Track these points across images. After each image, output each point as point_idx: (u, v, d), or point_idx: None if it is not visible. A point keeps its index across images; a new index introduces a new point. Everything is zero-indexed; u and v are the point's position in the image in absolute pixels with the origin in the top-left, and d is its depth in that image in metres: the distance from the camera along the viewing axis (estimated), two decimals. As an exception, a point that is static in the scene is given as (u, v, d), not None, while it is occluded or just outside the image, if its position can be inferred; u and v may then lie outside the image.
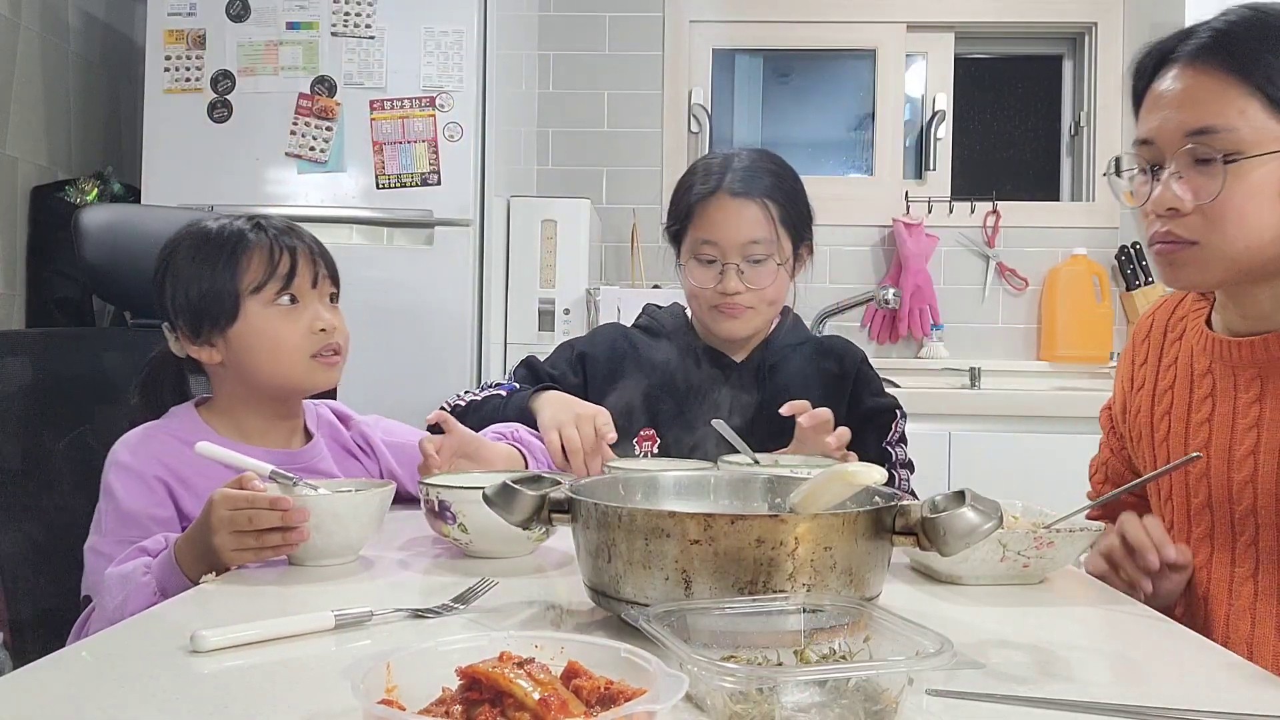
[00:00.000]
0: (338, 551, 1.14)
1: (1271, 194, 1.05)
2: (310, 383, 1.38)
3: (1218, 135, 1.05)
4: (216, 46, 2.63)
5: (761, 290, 1.60)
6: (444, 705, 0.60)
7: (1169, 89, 1.09)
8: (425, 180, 2.60)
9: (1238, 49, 1.05)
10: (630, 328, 1.76)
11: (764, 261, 1.59)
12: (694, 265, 1.61)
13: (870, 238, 3.42)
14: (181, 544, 1.15)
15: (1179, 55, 1.09)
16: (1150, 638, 0.95)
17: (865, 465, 0.95)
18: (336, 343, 1.37)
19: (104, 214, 1.62)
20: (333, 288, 1.41)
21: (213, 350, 1.35)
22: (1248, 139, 1.04)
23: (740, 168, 1.60)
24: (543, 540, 1.19)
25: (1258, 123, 1.04)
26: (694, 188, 1.62)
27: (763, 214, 1.58)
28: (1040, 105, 3.62)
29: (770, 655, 0.75)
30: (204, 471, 1.30)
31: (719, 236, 1.59)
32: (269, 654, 0.82)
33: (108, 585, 1.15)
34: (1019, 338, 3.39)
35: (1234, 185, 1.05)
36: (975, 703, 0.72)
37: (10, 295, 2.73)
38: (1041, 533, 1.07)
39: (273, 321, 1.34)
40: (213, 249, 1.35)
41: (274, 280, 1.34)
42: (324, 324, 1.36)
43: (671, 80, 3.45)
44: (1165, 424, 1.27)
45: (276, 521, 1.08)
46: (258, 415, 1.39)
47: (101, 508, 1.28)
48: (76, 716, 0.69)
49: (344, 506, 1.12)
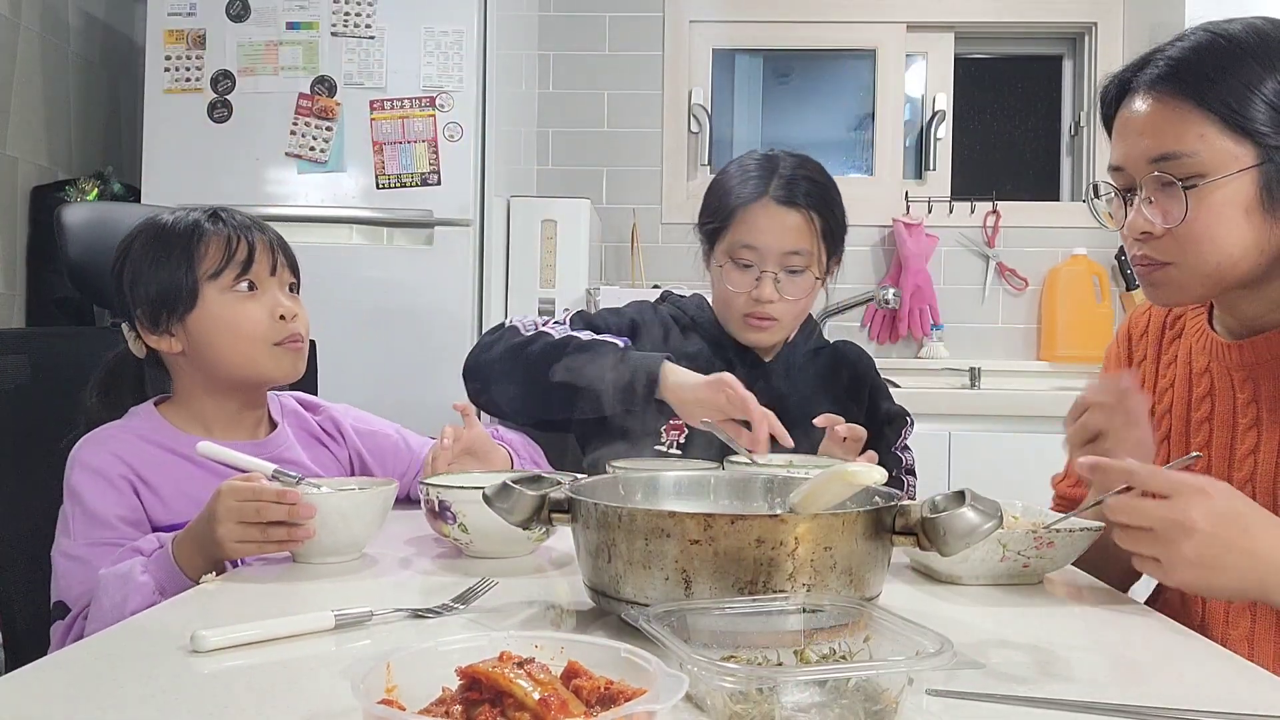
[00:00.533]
0: (342, 549, 1.15)
1: (1237, 212, 1.07)
2: (275, 370, 1.35)
3: (1179, 161, 1.07)
4: (216, 46, 2.63)
5: (795, 301, 1.59)
6: (444, 705, 0.60)
7: (1132, 116, 1.12)
8: (425, 180, 2.60)
9: (1193, 75, 1.08)
10: (664, 312, 1.72)
11: (802, 273, 1.58)
12: (731, 268, 1.59)
13: (870, 238, 3.42)
14: (181, 539, 1.14)
15: (1138, 84, 1.12)
16: (1150, 638, 0.95)
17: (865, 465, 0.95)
18: (297, 330, 1.35)
19: (85, 211, 1.60)
20: (292, 278, 1.40)
21: (173, 339, 1.33)
22: (1208, 162, 1.06)
23: (787, 175, 1.57)
24: (542, 540, 1.19)
25: (1218, 145, 1.06)
26: (738, 190, 1.59)
27: (806, 225, 1.56)
28: (1040, 105, 3.62)
29: (770, 655, 0.75)
30: (165, 471, 1.30)
31: (761, 243, 1.56)
32: (269, 654, 0.82)
33: (104, 586, 1.14)
34: (1019, 338, 3.39)
35: (1199, 208, 1.07)
36: (975, 703, 0.72)
37: (10, 295, 2.73)
38: (1041, 533, 1.07)
39: (231, 307, 1.32)
40: (169, 239, 1.34)
41: (231, 266, 1.32)
42: (284, 309, 1.34)
43: (671, 80, 3.45)
44: (1166, 422, 1.27)
45: (283, 515, 1.09)
46: (220, 407, 1.37)
47: (67, 510, 1.26)
48: (76, 716, 0.69)
49: (349, 504, 1.13)
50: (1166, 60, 1.10)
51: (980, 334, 3.39)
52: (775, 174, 1.58)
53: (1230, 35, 1.08)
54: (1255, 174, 1.06)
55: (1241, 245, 1.08)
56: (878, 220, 3.40)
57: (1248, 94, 1.05)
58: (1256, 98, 1.05)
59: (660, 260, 3.38)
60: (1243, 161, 1.06)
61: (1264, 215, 1.07)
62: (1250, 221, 1.07)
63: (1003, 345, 3.39)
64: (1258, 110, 1.05)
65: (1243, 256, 1.08)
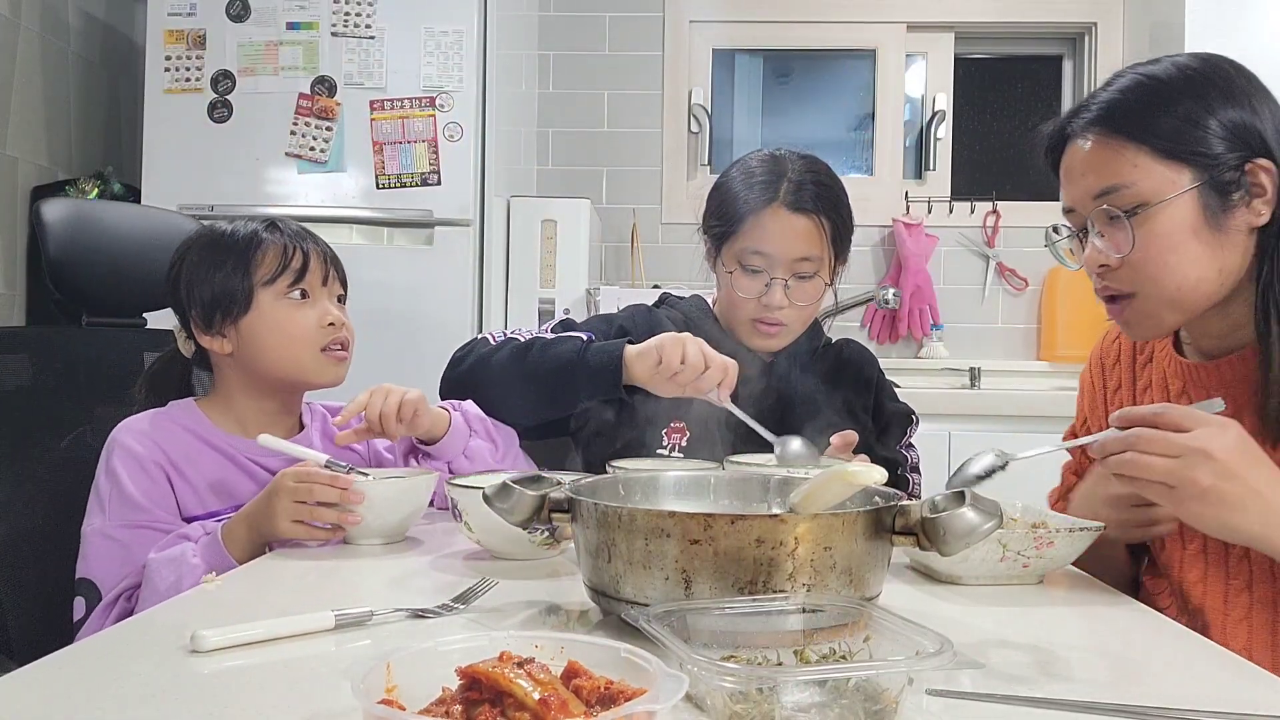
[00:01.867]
0: (388, 532, 1.24)
1: (1185, 234, 1.11)
2: (318, 375, 1.41)
3: (1119, 193, 1.12)
4: (216, 46, 2.63)
5: (805, 307, 1.58)
6: (444, 705, 0.60)
7: (1073, 159, 1.18)
8: (425, 180, 2.61)
9: (1123, 112, 1.13)
10: (661, 314, 1.70)
11: (812, 278, 1.56)
12: (740, 274, 1.57)
13: (870, 238, 3.42)
14: (231, 525, 1.22)
15: (1074, 129, 1.17)
16: (1150, 638, 0.95)
17: (865, 465, 0.95)
18: (344, 337, 1.42)
19: (65, 207, 1.59)
20: (341, 289, 1.47)
21: (224, 341, 1.39)
22: (1147, 190, 1.11)
23: (796, 179, 1.55)
24: (552, 545, 1.17)
25: (1154, 173, 1.11)
26: (746, 194, 1.57)
27: (816, 230, 1.55)
28: (1040, 105, 3.62)
29: (770, 655, 0.75)
30: (199, 462, 1.35)
31: (772, 249, 1.54)
32: (269, 654, 0.82)
33: (155, 570, 1.20)
34: (1019, 338, 3.39)
35: (1146, 235, 1.11)
36: (975, 703, 0.72)
37: (10, 295, 2.73)
38: (1041, 533, 1.07)
39: (284, 312, 1.38)
40: (227, 246, 1.40)
41: (287, 273, 1.39)
42: (333, 318, 1.40)
43: (671, 80, 3.45)
44: None
45: (335, 498, 1.18)
46: (258, 408, 1.42)
47: (104, 489, 1.30)
48: (76, 716, 0.69)
49: (394, 491, 1.24)
50: (1098, 104, 1.16)
51: (980, 334, 3.39)
52: (785, 178, 1.55)
53: (1155, 75, 1.15)
54: (1194, 196, 1.10)
55: (1197, 267, 1.11)
56: (878, 220, 3.40)
57: (1177, 123, 1.10)
58: (1185, 126, 1.10)
59: (660, 260, 3.38)
60: (1180, 185, 1.10)
61: (1211, 234, 1.11)
62: (1200, 242, 1.11)
63: (1002, 345, 3.39)
64: (1188, 137, 1.10)
65: (1201, 278, 1.12)
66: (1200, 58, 1.16)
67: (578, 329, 1.63)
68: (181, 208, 2.41)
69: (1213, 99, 1.10)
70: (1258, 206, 1.11)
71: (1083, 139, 1.16)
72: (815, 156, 1.64)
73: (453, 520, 1.19)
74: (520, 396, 1.50)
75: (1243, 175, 1.10)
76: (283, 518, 1.18)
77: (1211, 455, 0.95)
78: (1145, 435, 0.97)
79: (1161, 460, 0.96)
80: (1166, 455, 0.96)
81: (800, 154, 1.62)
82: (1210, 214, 1.10)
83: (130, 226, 1.61)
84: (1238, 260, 1.12)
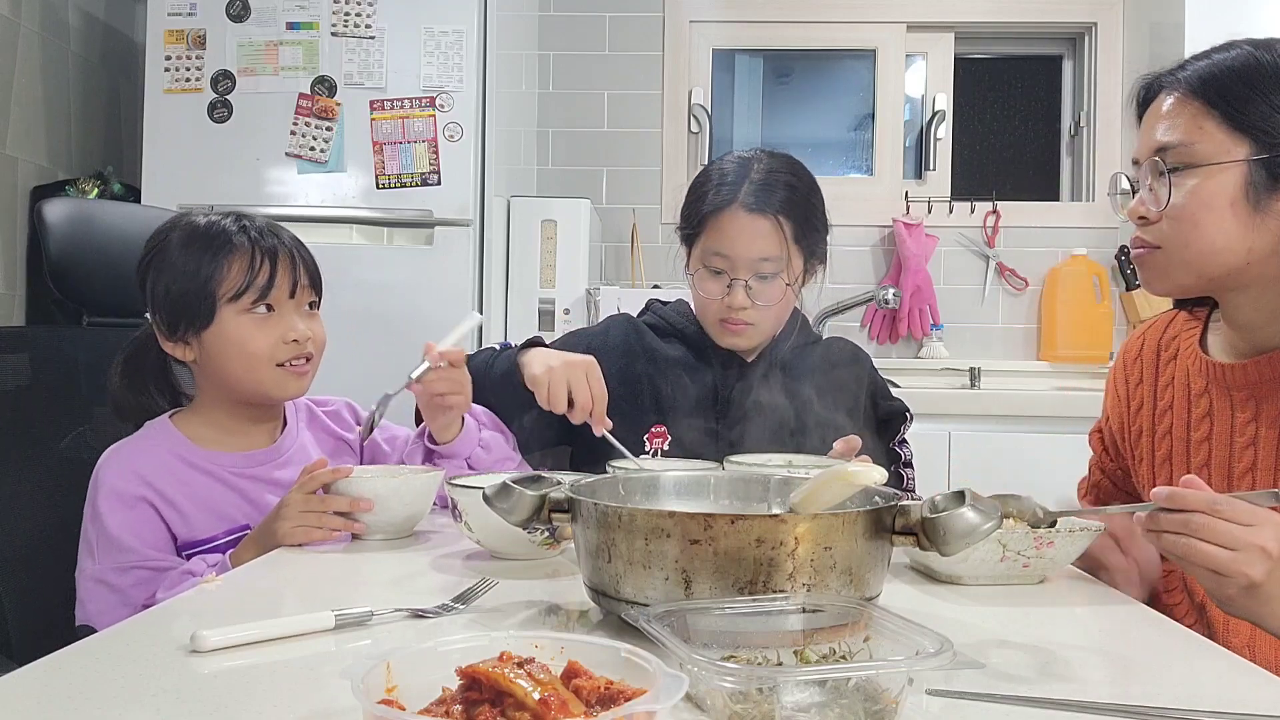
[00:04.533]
0: (393, 529, 1.27)
1: (1223, 204, 1.12)
2: (278, 391, 1.38)
3: (1176, 150, 1.14)
4: (216, 46, 2.63)
5: (768, 307, 1.57)
6: (444, 705, 0.60)
7: (1154, 111, 1.20)
8: (425, 180, 2.60)
9: (1210, 78, 1.15)
10: (641, 322, 1.72)
11: (772, 279, 1.56)
12: (703, 275, 1.58)
13: (870, 238, 3.42)
14: (240, 551, 1.24)
15: (1165, 83, 1.20)
16: (1150, 638, 0.95)
17: (865, 465, 0.95)
18: (308, 352, 1.39)
19: (65, 207, 1.59)
20: (313, 295, 1.43)
21: (187, 349, 1.37)
22: (1202, 152, 1.13)
23: (758, 180, 1.55)
24: (552, 545, 1.17)
25: (1216, 137, 1.12)
26: (708, 196, 1.57)
27: (775, 231, 1.54)
28: (1040, 105, 3.62)
29: (770, 655, 0.75)
30: (185, 487, 1.33)
31: (730, 251, 1.54)
32: (269, 654, 0.82)
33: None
34: (1019, 338, 3.39)
35: (1187, 194, 1.14)
36: (975, 703, 0.72)
37: (10, 295, 2.73)
38: (1041, 533, 1.07)
39: (246, 330, 1.35)
40: (198, 248, 1.35)
41: (251, 290, 1.34)
42: (297, 334, 1.37)
43: (671, 80, 3.45)
44: (1166, 443, 1.30)
45: (345, 507, 1.23)
46: (233, 417, 1.40)
47: (91, 533, 1.29)
48: (76, 716, 0.69)
49: (400, 489, 1.26)
50: (1195, 67, 1.17)
51: (980, 334, 3.39)
52: (747, 179, 1.55)
53: (1257, 55, 1.14)
54: (1244, 169, 1.11)
55: (1224, 237, 1.13)
56: (878, 220, 3.40)
57: (1255, 97, 1.10)
58: (1264, 102, 1.10)
59: (660, 260, 3.38)
60: (1234, 155, 1.11)
61: (1249, 212, 1.12)
62: (1235, 215, 1.12)
63: (1003, 345, 3.39)
64: (1260, 113, 1.10)
65: (1224, 248, 1.13)
66: None
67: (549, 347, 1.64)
68: (181, 208, 2.39)
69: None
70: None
71: (1168, 94, 1.18)
72: (788, 156, 1.64)
73: (452, 520, 1.19)
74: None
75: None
76: (289, 532, 1.21)
77: (1270, 554, 0.95)
78: (1207, 524, 0.96)
79: (1219, 550, 0.96)
80: (1224, 546, 0.96)
81: (771, 153, 1.62)
82: (1254, 191, 1.11)
83: (130, 226, 1.61)
84: (1270, 245, 1.13)
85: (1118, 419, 1.39)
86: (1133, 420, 1.36)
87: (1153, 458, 1.32)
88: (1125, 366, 1.40)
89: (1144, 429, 1.34)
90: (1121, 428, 1.38)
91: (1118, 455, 1.41)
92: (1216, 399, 1.23)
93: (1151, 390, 1.34)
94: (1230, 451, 1.21)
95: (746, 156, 1.61)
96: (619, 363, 1.62)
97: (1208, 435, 1.24)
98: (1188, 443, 1.26)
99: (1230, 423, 1.22)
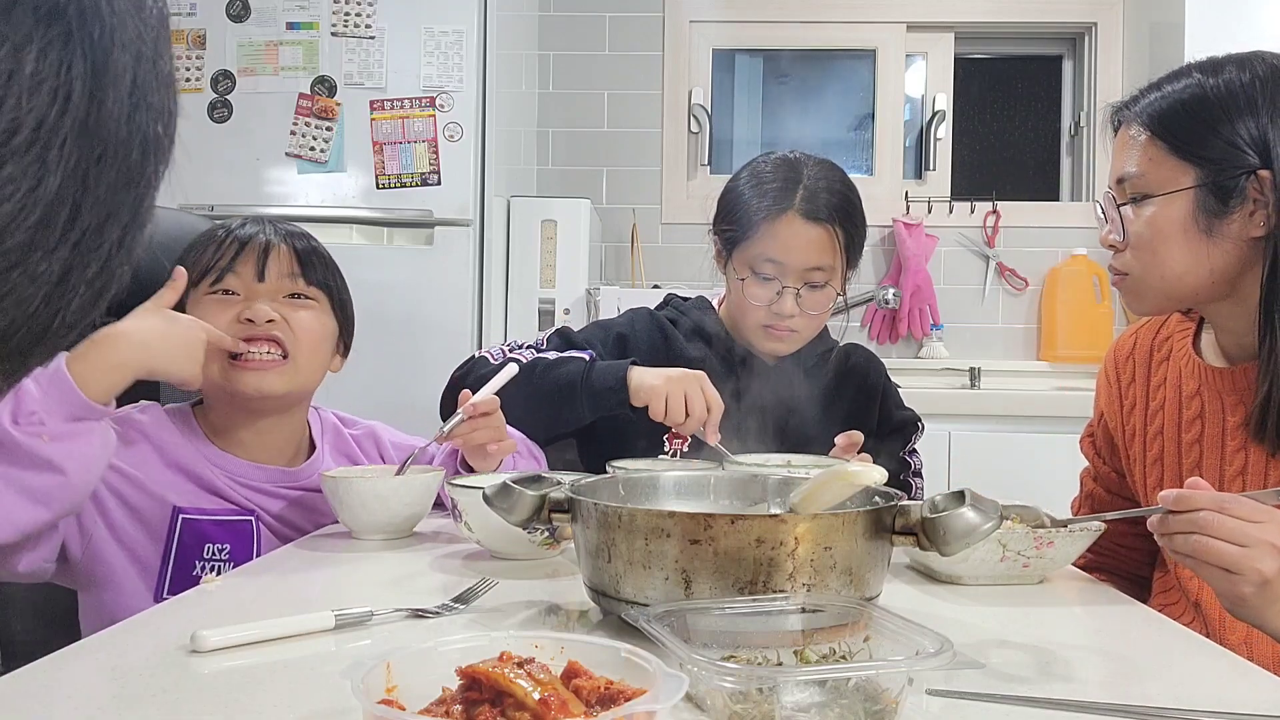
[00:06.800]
0: (393, 528, 1.27)
1: (1177, 231, 1.16)
2: (238, 385, 1.26)
3: (1133, 179, 1.20)
4: (216, 46, 2.63)
5: (815, 315, 1.57)
6: (444, 705, 0.60)
7: (1115, 143, 1.25)
8: (425, 180, 2.60)
9: (1158, 110, 1.19)
10: (663, 318, 1.69)
11: (823, 287, 1.55)
12: (752, 281, 1.55)
13: (870, 238, 3.36)
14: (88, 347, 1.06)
15: (1123, 116, 1.24)
16: (1150, 638, 0.95)
17: (865, 465, 0.95)
18: (269, 334, 1.26)
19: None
20: (297, 286, 1.31)
21: None
22: (1153, 182, 1.18)
23: (812, 187, 1.54)
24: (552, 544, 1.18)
25: (1164, 166, 1.17)
26: (760, 200, 1.55)
27: (830, 241, 1.53)
28: (1040, 105, 3.62)
29: (770, 655, 0.75)
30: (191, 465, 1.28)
31: (784, 258, 1.52)
32: (269, 654, 0.82)
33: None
34: (1019, 338, 3.39)
35: (1142, 224, 1.19)
36: (975, 703, 0.72)
37: (10, 295, 2.73)
38: (1041, 533, 1.07)
39: (203, 310, 1.25)
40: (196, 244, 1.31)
41: (212, 271, 1.27)
42: (251, 314, 1.24)
43: (671, 80, 3.45)
44: (1158, 444, 1.30)
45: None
46: (237, 424, 1.32)
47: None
48: (76, 716, 0.69)
49: (404, 487, 1.26)
50: (1147, 100, 1.21)
51: (980, 334, 3.39)
52: (800, 185, 1.54)
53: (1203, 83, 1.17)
54: (1192, 196, 1.15)
55: (1183, 262, 1.17)
56: (878, 220, 3.39)
57: (1199, 126, 1.15)
58: (1208, 131, 1.14)
59: (660, 260, 3.38)
60: (1182, 183, 1.15)
61: (1200, 235, 1.15)
62: (1189, 240, 1.16)
63: (1003, 345, 3.39)
64: (1204, 141, 1.14)
65: (1185, 271, 1.17)
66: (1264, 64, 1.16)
67: (574, 339, 1.62)
68: (181, 207, 2.40)
69: (1239, 108, 1.13)
70: (1258, 217, 1.13)
71: (1127, 126, 1.22)
72: (831, 162, 1.62)
73: (452, 520, 1.19)
74: (524, 418, 1.48)
75: (1245, 184, 1.12)
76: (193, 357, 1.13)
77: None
78: (1216, 521, 0.97)
79: (1230, 547, 0.96)
80: (1235, 543, 0.96)
81: (816, 159, 1.61)
82: (1203, 216, 1.14)
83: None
84: (1233, 264, 1.15)
85: (1112, 417, 1.39)
86: (1127, 420, 1.36)
87: (1144, 457, 1.32)
88: (1116, 365, 1.40)
89: (1137, 429, 1.34)
90: (1117, 426, 1.38)
91: (1112, 456, 1.41)
92: (1208, 402, 1.24)
93: (1144, 390, 1.34)
94: (1222, 455, 1.22)
95: (792, 159, 1.59)
96: (645, 356, 1.60)
97: (1198, 438, 1.25)
98: (1179, 444, 1.27)
99: (1221, 425, 1.22)
